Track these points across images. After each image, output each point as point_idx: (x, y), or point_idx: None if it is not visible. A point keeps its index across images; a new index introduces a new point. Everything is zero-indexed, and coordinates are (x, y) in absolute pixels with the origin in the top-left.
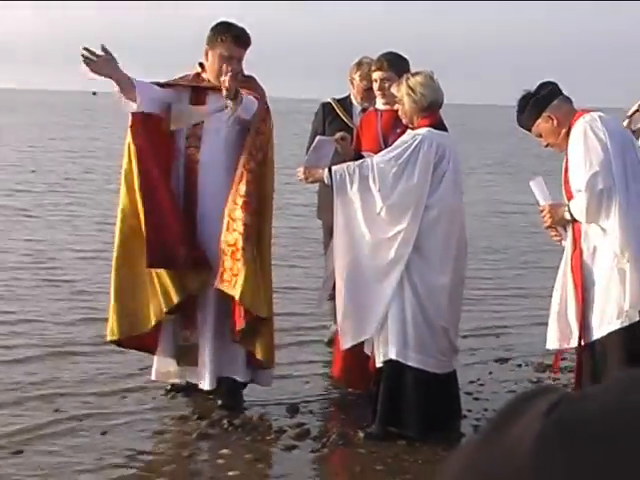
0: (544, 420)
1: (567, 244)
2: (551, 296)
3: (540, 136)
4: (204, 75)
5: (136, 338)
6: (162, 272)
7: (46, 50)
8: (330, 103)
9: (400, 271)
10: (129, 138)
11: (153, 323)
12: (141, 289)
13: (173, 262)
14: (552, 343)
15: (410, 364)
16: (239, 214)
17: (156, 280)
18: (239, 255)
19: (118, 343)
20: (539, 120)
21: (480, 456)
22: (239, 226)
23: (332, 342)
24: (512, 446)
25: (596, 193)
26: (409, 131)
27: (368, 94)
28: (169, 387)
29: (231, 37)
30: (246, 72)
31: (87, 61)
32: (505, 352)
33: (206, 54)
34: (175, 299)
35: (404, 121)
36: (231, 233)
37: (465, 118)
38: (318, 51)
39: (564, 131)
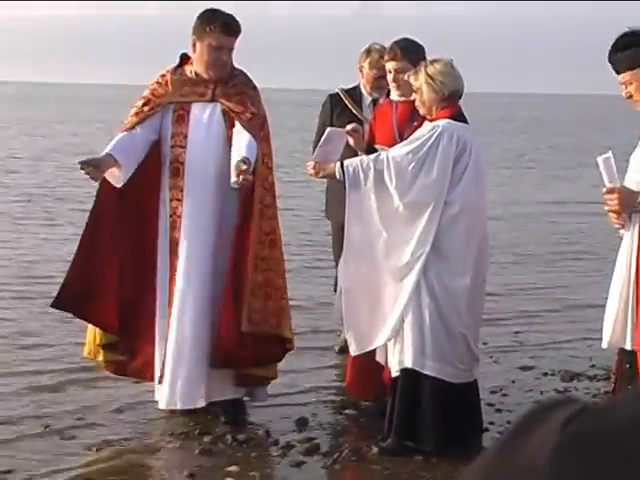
0: (561, 433)
1: (628, 235)
2: (570, 299)
3: (629, 84)
4: (188, 68)
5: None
6: None
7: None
8: (338, 94)
9: (417, 273)
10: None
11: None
12: None
13: (83, 312)
14: (608, 342)
15: (427, 373)
16: (268, 253)
17: None
18: (279, 295)
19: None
20: None
21: (497, 469)
22: (273, 265)
23: (344, 350)
24: (529, 459)
25: None
26: (427, 123)
27: (378, 83)
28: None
29: (220, 26)
30: (236, 64)
31: (89, 176)
32: (529, 360)
33: (193, 45)
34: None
35: (421, 112)
36: (260, 273)
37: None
38: (294, 39)
39: None
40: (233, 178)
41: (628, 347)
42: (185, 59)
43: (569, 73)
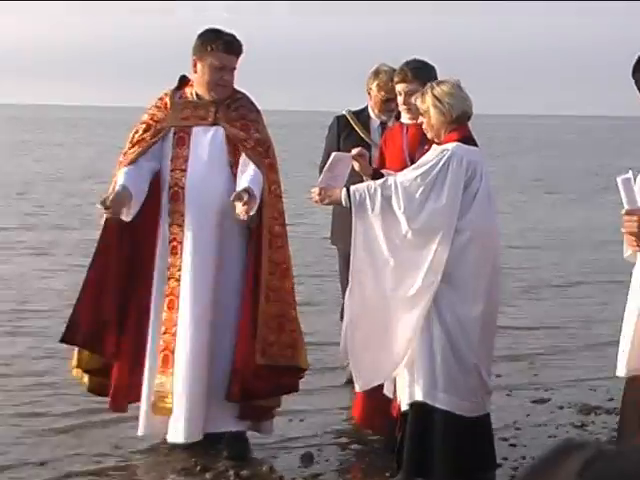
0: (577, 477)
1: None
2: (589, 334)
3: None
4: (188, 90)
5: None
6: None
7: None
8: (345, 116)
9: (427, 302)
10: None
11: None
12: None
13: (93, 347)
14: (625, 369)
15: (439, 406)
16: (279, 283)
17: None
18: (293, 326)
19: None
20: None
21: None
22: (284, 295)
23: (351, 381)
24: None
25: None
26: (435, 146)
27: (387, 106)
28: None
29: (222, 45)
30: (236, 86)
31: (109, 214)
32: (545, 393)
33: (194, 65)
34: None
35: (429, 135)
36: (272, 304)
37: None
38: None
39: None
40: (236, 210)
41: None
42: (184, 81)
43: (563, 93)
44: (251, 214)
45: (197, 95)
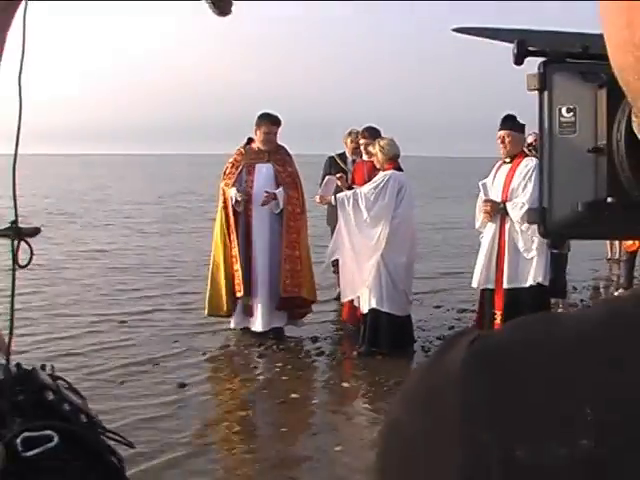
0: (466, 350)
1: (493, 224)
2: (455, 274)
3: (506, 137)
4: (253, 145)
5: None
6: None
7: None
8: (333, 156)
9: (378, 255)
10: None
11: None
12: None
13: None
14: (477, 282)
15: (384, 310)
16: (291, 252)
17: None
18: (300, 274)
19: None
20: (517, 133)
21: (425, 376)
22: (294, 259)
23: (338, 298)
24: (447, 367)
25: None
26: (381, 172)
27: (355, 151)
28: (242, 328)
29: (270, 120)
30: (279, 142)
31: (241, 207)
32: (440, 302)
33: (255, 131)
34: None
35: (378, 166)
36: (288, 263)
37: None
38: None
39: (518, 149)
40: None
41: (490, 286)
42: (249, 140)
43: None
44: (275, 211)
45: (258, 147)
